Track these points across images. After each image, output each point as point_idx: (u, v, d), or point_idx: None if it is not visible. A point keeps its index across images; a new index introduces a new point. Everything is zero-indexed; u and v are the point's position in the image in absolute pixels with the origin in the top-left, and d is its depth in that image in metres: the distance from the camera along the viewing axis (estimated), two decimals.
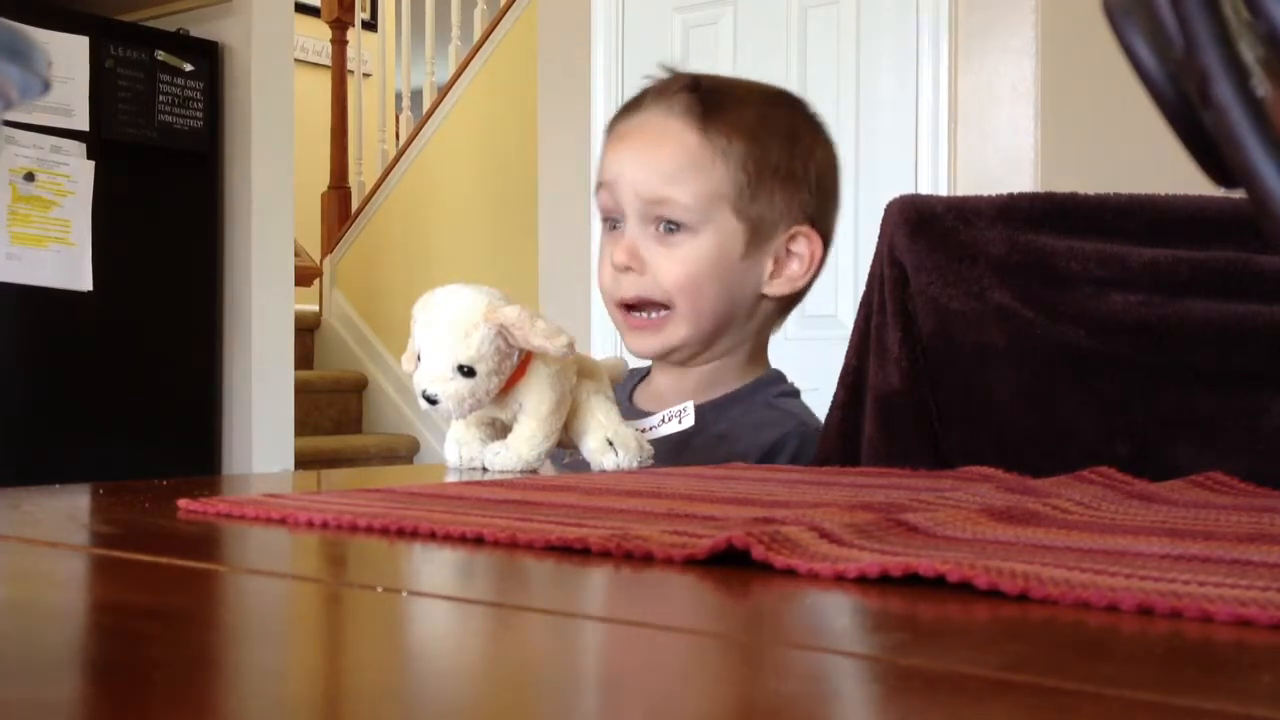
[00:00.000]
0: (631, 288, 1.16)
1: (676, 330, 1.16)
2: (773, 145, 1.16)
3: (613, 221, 1.20)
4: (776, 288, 1.17)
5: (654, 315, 1.17)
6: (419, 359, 0.91)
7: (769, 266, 1.16)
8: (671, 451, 1.09)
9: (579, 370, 0.97)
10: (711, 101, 1.16)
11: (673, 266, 1.15)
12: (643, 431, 1.02)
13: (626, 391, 1.23)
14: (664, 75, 1.22)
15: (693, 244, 1.14)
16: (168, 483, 0.76)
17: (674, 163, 1.15)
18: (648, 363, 1.26)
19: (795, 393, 1.22)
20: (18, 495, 0.71)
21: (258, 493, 0.67)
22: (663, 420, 1.09)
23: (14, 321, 2.59)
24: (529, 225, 3.49)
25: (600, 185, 1.21)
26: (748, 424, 1.15)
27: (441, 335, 0.90)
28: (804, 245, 1.17)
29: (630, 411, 1.11)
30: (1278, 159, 0.30)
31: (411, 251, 4.57)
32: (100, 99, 2.65)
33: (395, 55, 5.05)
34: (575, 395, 0.96)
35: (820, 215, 1.19)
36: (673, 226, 1.15)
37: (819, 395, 1.22)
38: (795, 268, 1.17)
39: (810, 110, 1.22)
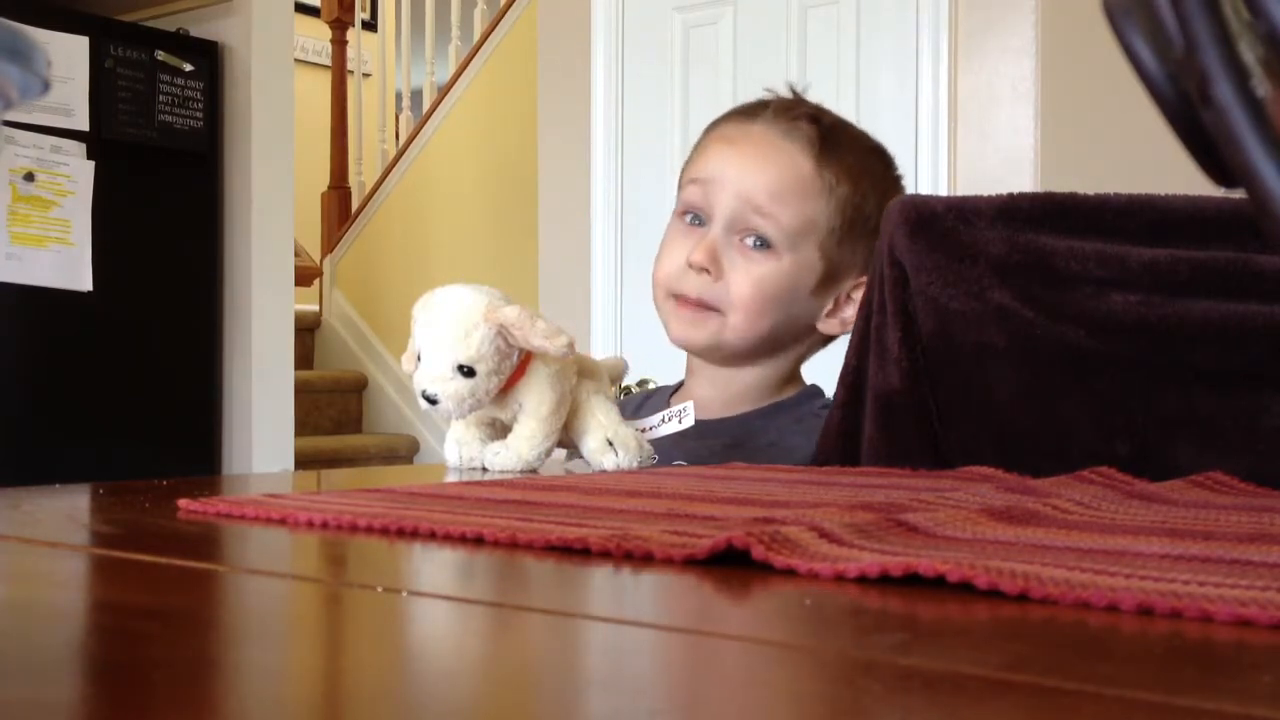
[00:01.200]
0: (697, 288, 1.17)
1: (721, 333, 1.17)
2: (870, 197, 1.19)
3: (694, 217, 1.20)
4: (831, 327, 1.21)
5: (705, 310, 1.18)
6: (419, 359, 0.91)
7: (829, 305, 1.20)
8: (719, 457, 1.10)
9: (579, 370, 0.97)
10: (831, 139, 1.19)
11: (747, 281, 1.16)
12: (643, 431, 1.02)
13: (665, 398, 1.24)
14: (784, 94, 1.25)
15: (774, 265, 1.16)
16: (168, 483, 0.76)
17: (784, 182, 1.16)
18: (660, 381, 1.27)
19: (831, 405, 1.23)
20: (18, 495, 0.71)
21: (258, 493, 0.67)
22: (663, 420, 1.09)
23: (14, 321, 2.59)
24: (529, 225, 3.49)
25: (693, 180, 1.21)
26: (800, 432, 1.16)
27: (441, 335, 0.90)
28: (861, 295, 1.19)
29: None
30: (1278, 159, 0.30)
31: (411, 251, 4.57)
32: (100, 99, 2.65)
33: (395, 55, 5.05)
34: (575, 395, 0.96)
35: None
36: (760, 242, 1.16)
37: None
38: (849, 313, 1.20)
39: (899, 170, 1.26)
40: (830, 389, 1.04)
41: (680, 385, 1.28)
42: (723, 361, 1.20)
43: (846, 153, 1.20)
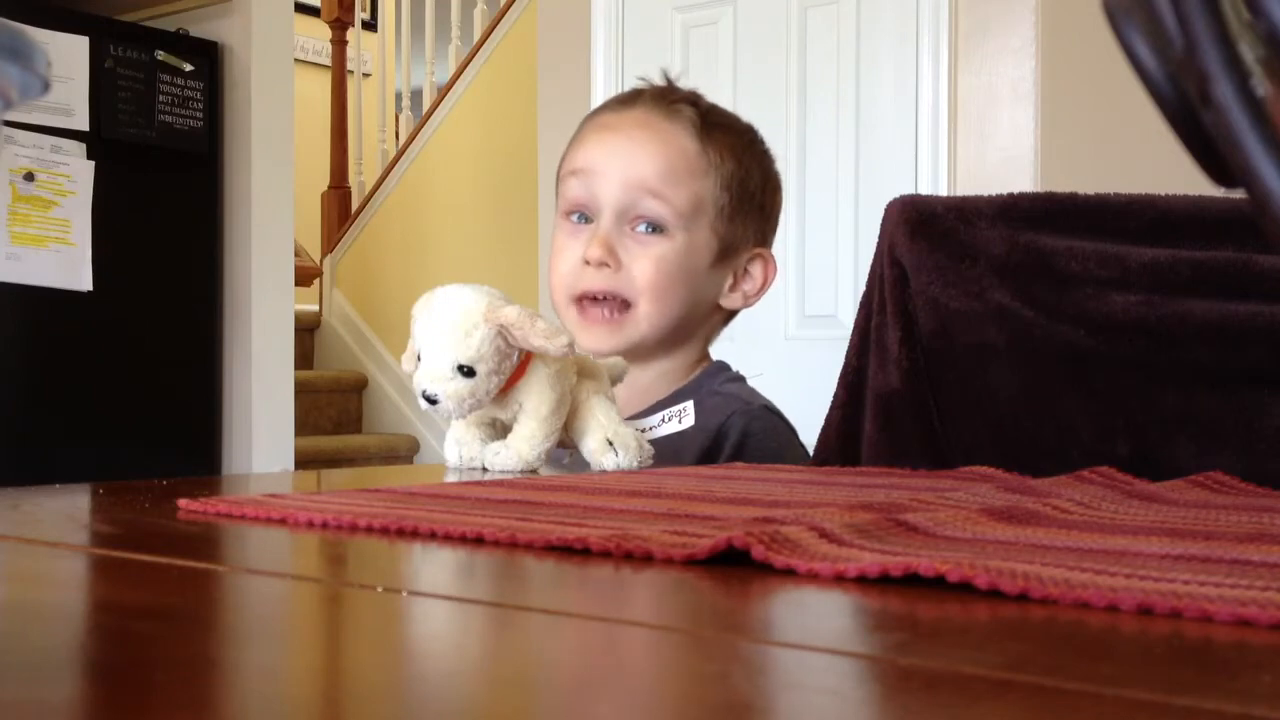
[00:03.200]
0: (600, 281, 1.17)
1: (636, 328, 1.17)
2: (753, 172, 1.22)
3: (580, 215, 1.20)
4: (732, 301, 1.23)
5: (614, 315, 1.18)
6: (419, 359, 0.91)
7: (729, 281, 1.22)
8: None
9: (579, 370, 0.97)
10: (711, 119, 1.21)
11: (648, 265, 1.16)
12: (643, 432, 1.02)
13: None
14: (658, 81, 1.26)
15: (669, 246, 1.17)
16: (168, 483, 0.76)
17: (672, 162, 1.17)
18: None
19: (739, 378, 1.25)
20: (18, 495, 0.71)
21: (258, 493, 0.67)
22: (663, 420, 1.09)
23: (14, 321, 2.59)
24: (529, 225, 3.49)
25: (573, 172, 1.20)
26: (698, 413, 1.16)
27: (441, 335, 0.90)
28: (759, 267, 1.24)
29: None
30: (1278, 159, 0.30)
31: (411, 251, 4.57)
32: (100, 99, 2.65)
33: (395, 55, 5.05)
34: (575, 395, 0.96)
35: (769, 243, 1.26)
36: (651, 227, 1.17)
37: (819, 395, 1.22)
38: (749, 286, 1.24)
39: (770, 151, 1.28)
40: (830, 388, 1.04)
41: None
42: (635, 358, 1.18)
43: (725, 131, 1.22)
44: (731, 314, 1.26)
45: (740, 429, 1.13)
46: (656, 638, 0.37)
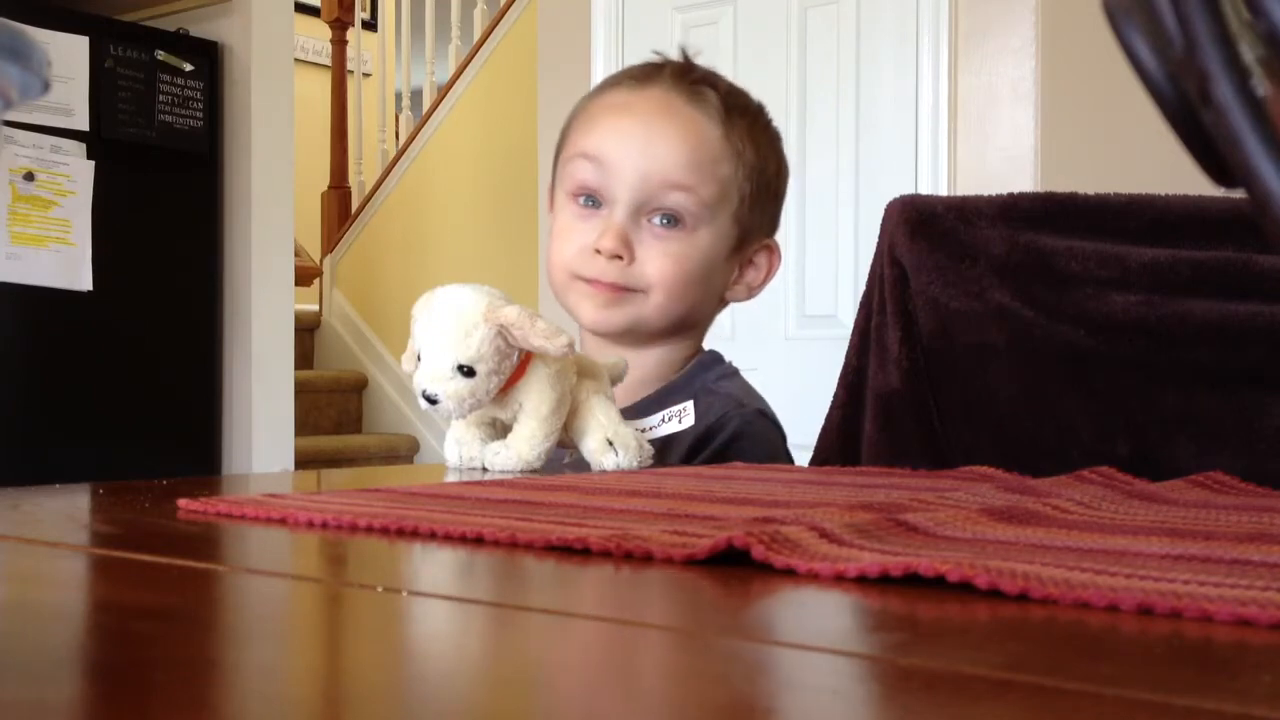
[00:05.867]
0: (612, 273, 1.09)
1: (639, 311, 1.11)
2: (770, 158, 1.15)
3: (589, 198, 1.12)
4: (737, 294, 1.17)
5: (619, 291, 1.11)
6: (419, 359, 0.91)
7: (735, 272, 1.16)
8: None
9: (579, 370, 0.97)
10: (731, 103, 1.13)
11: (665, 262, 1.09)
12: (643, 432, 1.02)
13: None
14: (674, 57, 1.16)
15: (689, 241, 1.10)
16: (168, 483, 0.76)
17: (697, 153, 1.09)
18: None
19: (733, 372, 1.18)
20: (18, 495, 0.71)
21: (258, 493, 0.67)
22: (663, 420, 1.09)
23: (14, 321, 2.59)
24: (529, 225, 3.49)
25: (584, 155, 1.11)
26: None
27: (442, 335, 0.90)
28: (764, 257, 1.17)
29: None
30: (1278, 159, 0.30)
31: (411, 251, 4.57)
32: (100, 99, 2.65)
33: (395, 55, 5.05)
34: (575, 395, 0.96)
35: (776, 231, 1.19)
36: (670, 220, 1.09)
37: (819, 395, 1.22)
38: (753, 276, 1.17)
39: (779, 131, 1.21)
40: (830, 388, 1.04)
41: None
42: (635, 342, 1.13)
43: (743, 114, 1.14)
44: (725, 303, 1.19)
45: (731, 431, 1.09)
46: (656, 638, 0.37)
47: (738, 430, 1.09)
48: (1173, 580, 0.40)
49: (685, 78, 1.12)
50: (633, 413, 1.11)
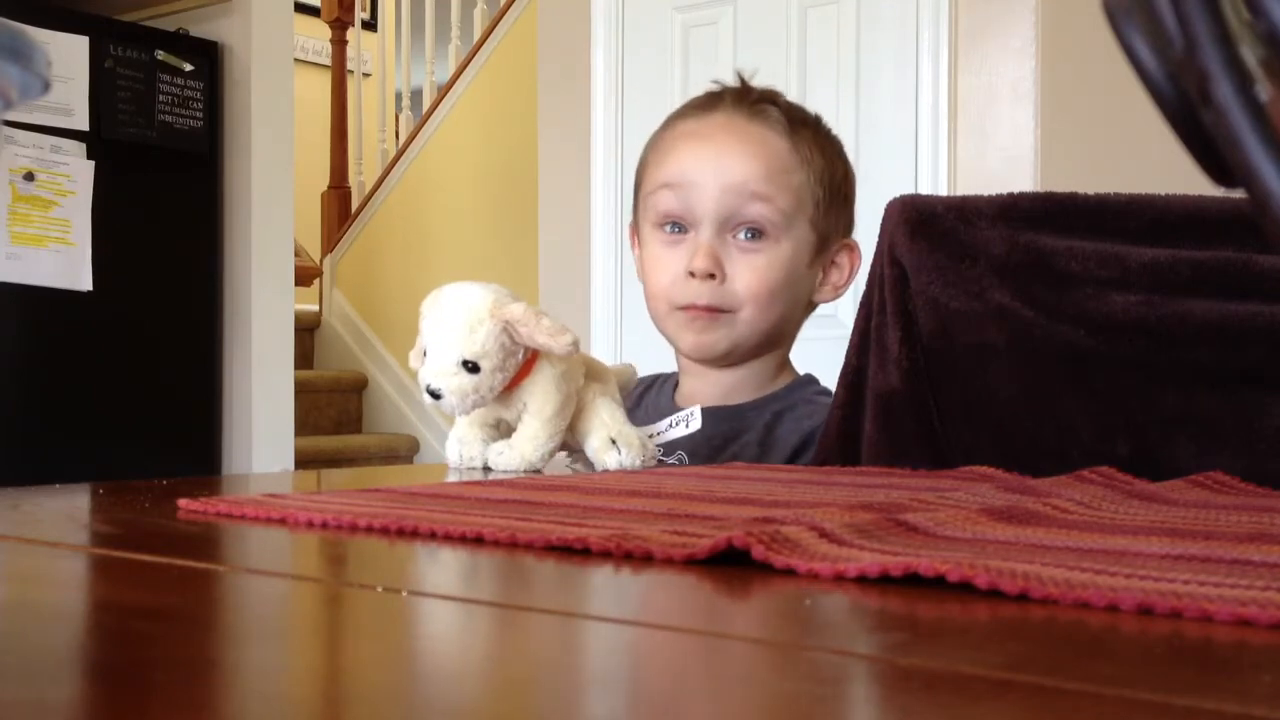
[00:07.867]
0: (706, 295, 1.15)
1: (736, 331, 1.16)
2: (837, 162, 1.21)
3: (674, 225, 1.18)
4: (824, 295, 1.22)
5: (716, 314, 1.16)
6: (425, 355, 0.91)
7: (819, 275, 1.21)
8: (719, 448, 1.10)
9: (587, 373, 0.97)
10: (793, 116, 1.19)
11: (752, 276, 1.15)
12: (651, 436, 1.02)
13: (669, 392, 1.24)
14: (730, 84, 1.23)
15: (774, 252, 1.15)
16: (168, 483, 0.76)
17: (769, 164, 1.15)
18: (649, 371, 1.27)
19: (829, 392, 1.23)
20: (18, 495, 0.71)
21: (258, 493, 0.67)
22: (670, 425, 1.10)
23: (14, 321, 2.59)
24: (529, 225, 3.49)
25: (666, 185, 1.18)
26: (791, 419, 1.17)
27: (447, 330, 0.90)
28: (845, 256, 1.22)
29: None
30: (1278, 159, 0.30)
31: (411, 251, 4.57)
32: (100, 99, 2.65)
33: (395, 55, 5.05)
34: (581, 397, 0.96)
35: (852, 232, 1.25)
36: (754, 233, 1.15)
37: None
38: (837, 277, 1.22)
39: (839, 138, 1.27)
40: (831, 389, 1.04)
41: (671, 379, 1.27)
42: (732, 362, 1.19)
43: (805, 126, 1.20)
44: (813, 308, 1.25)
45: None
46: (657, 638, 0.37)
47: None
48: (1173, 580, 0.40)
49: (746, 99, 1.20)
50: (729, 414, 1.15)
